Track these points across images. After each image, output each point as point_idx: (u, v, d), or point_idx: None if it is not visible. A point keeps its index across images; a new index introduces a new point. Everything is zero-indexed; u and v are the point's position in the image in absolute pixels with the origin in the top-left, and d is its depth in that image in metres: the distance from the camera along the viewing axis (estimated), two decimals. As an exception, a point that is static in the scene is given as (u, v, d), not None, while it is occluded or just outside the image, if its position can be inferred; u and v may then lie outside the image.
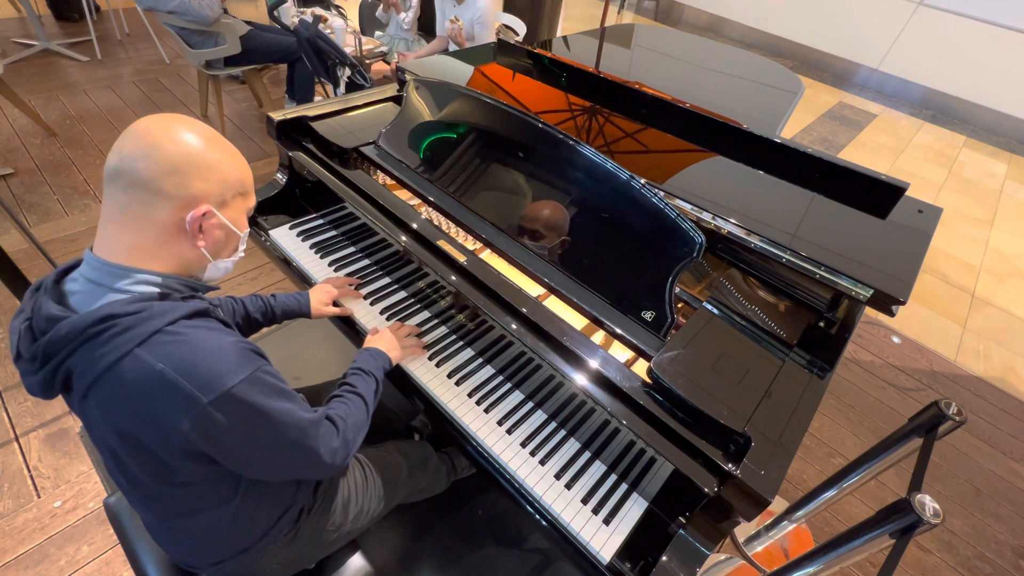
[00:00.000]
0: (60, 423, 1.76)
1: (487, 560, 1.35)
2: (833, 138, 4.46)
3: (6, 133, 3.08)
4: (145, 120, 0.69)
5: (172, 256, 0.71)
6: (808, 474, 1.95)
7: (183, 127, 0.69)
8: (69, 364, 0.65)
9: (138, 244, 0.68)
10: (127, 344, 0.63)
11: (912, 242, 1.09)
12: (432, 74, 1.57)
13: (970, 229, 3.56)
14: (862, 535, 1.03)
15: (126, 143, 0.66)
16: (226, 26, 2.85)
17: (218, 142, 0.72)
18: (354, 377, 1.00)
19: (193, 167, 0.68)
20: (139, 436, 0.67)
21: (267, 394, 0.71)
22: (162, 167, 0.66)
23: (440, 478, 1.34)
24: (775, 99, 1.89)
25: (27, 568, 1.44)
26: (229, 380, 0.66)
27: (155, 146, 0.66)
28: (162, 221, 0.68)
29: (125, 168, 0.65)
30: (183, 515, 0.81)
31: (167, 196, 0.67)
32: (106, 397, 0.66)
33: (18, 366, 0.69)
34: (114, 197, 0.67)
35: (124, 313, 0.64)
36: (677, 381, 0.89)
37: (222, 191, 0.72)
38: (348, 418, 0.88)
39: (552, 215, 1.18)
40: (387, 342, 1.13)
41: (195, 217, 0.69)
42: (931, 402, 1.18)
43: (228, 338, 0.70)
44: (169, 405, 0.64)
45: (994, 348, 2.65)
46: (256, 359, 0.72)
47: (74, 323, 0.63)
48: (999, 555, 1.79)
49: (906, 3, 4.96)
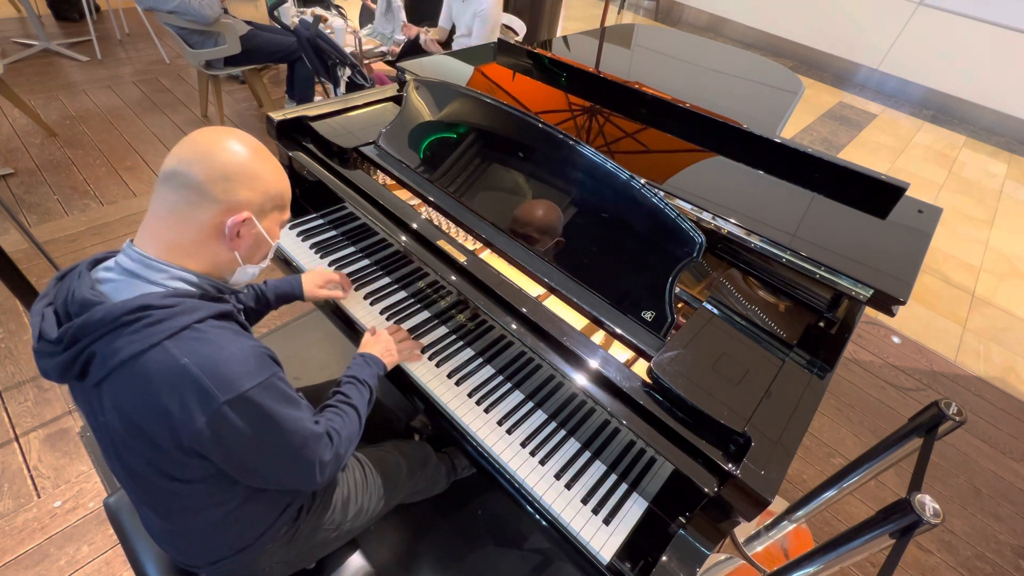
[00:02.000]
0: (60, 423, 1.76)
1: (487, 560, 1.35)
2: (833, 138, 4.46)
3: (6, 133, 3.08)
4: (203, 130, 0.75)
5: (207, 256, 0.75)
6: (808, 474, 1.95)
7: (237, 139, 0.75)
8: (94, 348, 0.67)
9: (178, 242, 0.73)
10: (158, 335, 0.66)
11: (912, 242, 1.09)
12: (432, 74, 1.57)
13: (970, 229, 3.56)
14: (862, 535, 1.03)
15: (184, 149, 0.72)
16: (226, 26, 2.85)
17: (266, 157, 0.78)
18: (348, 386, 1.00)
19: (241, 176, 0.73)
20: (148, 428, 0.68)
21: (279, 400, 0.73)
22: (214, 172, 0.71)
23: (440, 478, 1.34)
24: (775, 99, 1.89)
25: (27, 568, 1.44)
26: (247, 382, 0.68)
27: (210, 153, 0.71)
28: (204, 222, 0.72)
29: (180, 170, 0.70)
30: (182, 512, 0.81)
31: (214, 199, 0.72)
32: (124, 386, 0.68)
33: (37, 348, 0.70)
34: (164, 196, 0.72)
35: (159, 305, 0.67)
36: (677, 381, 0.89)
37: (263, 201, 0.77)
38: (342, 431, 0.88)
39: (545, 216, 1.18)
40: (382, 346, 1.12)
41: (235, 222, 0.73)
42: (931, 402, 1.18)
43: (248, 342, 0.73)
44: (187, 399, 0.66)
45: (994, 348, 2.65)
46: (272, 365, 0.75)
47: (110, 309, 0.66)
48: (999, 555, 1.79)
49: (906, 3, 4.96)
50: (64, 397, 1.83)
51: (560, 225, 1.17)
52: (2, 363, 1.91)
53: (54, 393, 1.84)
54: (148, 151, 3.13)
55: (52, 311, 0.70)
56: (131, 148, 3.13)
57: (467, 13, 2.90)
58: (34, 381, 1.87)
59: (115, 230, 2.54)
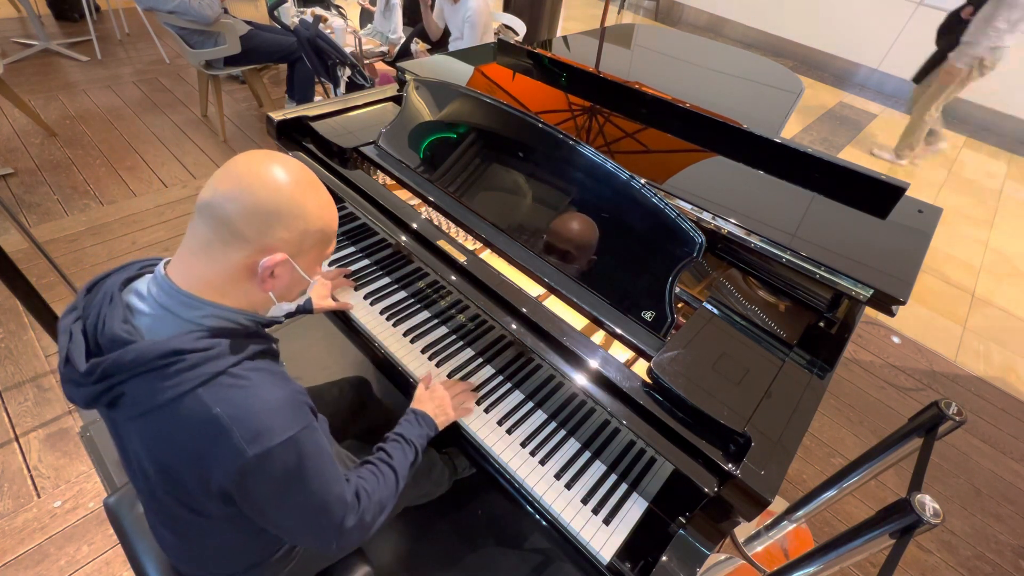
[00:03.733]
0: (60, 423, 1.76)
1: (487, 560, 1.35)
2: (833, 138, 4.46)
3: (6, 133, 3.08)
4: (245, 157, 0.68)
5: (240, 294, 0.71)
6: (808, 474, 1.95)
7: (278, 170, 0.68)
8: (125, 388, 0.65)
9: (211, 279, 0.68)
10: (190, 382, 0.63)
11: (912, 242, 1.09)
12: (432, 74, 1.57)
13: (970, 229, 3.56)
14: (862, 535, 1.03)
15: (222, 180, 0.66)
16: (226, 26, 2.85)
17: (309, 190, 0.70)
18: (393, 444, 0.95)
19: (278, 215, 0.67)
20: (178, 469, 0.68)
21: (308, 455, 0.70)
22: (248, 211, 0.65)
23: (443, 481, 1.34)
24: (775, 99, 1.89)
25: (27, 568, 1.44)
26: (277, 436, 0.66)
27: (247, 189, 0.65)
28: (236, 262, 0.67)
29: (215, 204, 0.65)
30: (199, 535, 0.81)
31: (246, 239, 0.66)
32: (154, 428, 0.66)
33: (64, 373, 0.67)
34: (200, 230, 0.67)
35: (192, 349, 0.64)
36: (677, 381, 0.89)
37: (301, 240, 0.70)
38: (373, 493, 0.84)
39: (582, 231, 1.13)
40: (436, 404, 1.06)
41: (269, 264, 0.68)
42: (931, 402, 1.18)
43: (284, 388, 0.70)
44: (217, 450, 0.64)
45: (994, 348, 2.65)
46: (306, 415, 0.72)
47: (142, 351, 0.63)
48: (999, 555, 1.79)
49: (906, 3, 4.96)
50: (64, 397, 1.83)
51: (589, 243, 1.13)
52: (2, 363, 1.91)
53: (54, 393, 1.84)
54: (148, 151, 3.13)
55: (81, 332, 0.67)
56: (131, 148, 3.13)
57: (457, 17, 2.93)
58: (34, 381, 1.87)
59: (115, 230, 2.54)
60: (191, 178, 2.96)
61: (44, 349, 1.97)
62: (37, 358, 1.94)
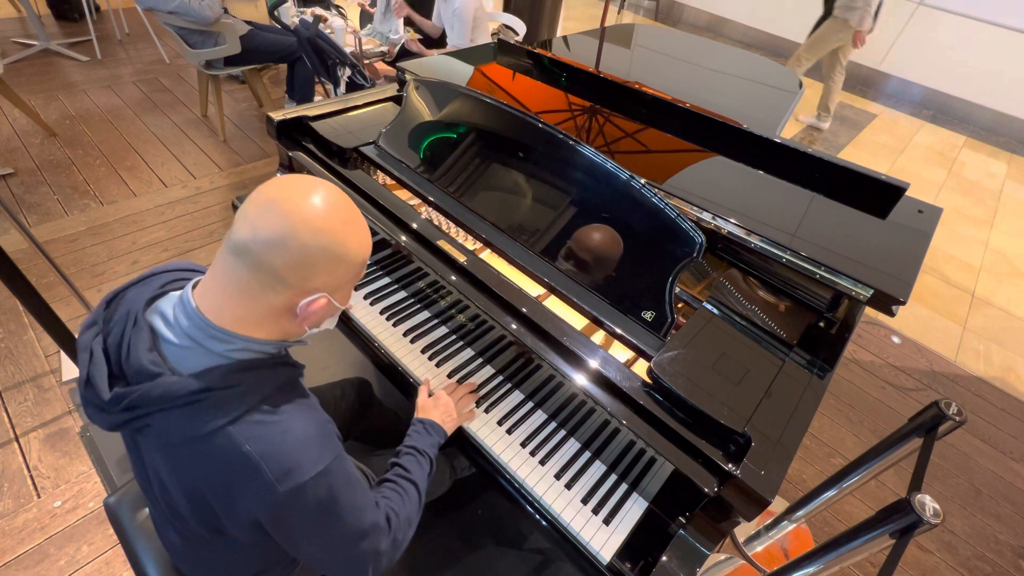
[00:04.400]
0: (60, 423, 1.76)
1: (487, 560, 1.35)
2: (833, 138, 4.46)
3: (6, 133, 3.08)
4: (286, 192, 0.63)
5: (274, 328, 0.69)
6: (808, 474, 1.95)
7: (324, 211, 0.64)
8: (151, 420, 0.64)
9: (246, 316, 0.66)
10: (219, 420, 0.62)
11: (912, 242, 1.09)
12: (432, 74, 1.57)
13: (970, 229, 3.56)
14: (862, 535, 1.03)
15: (263, 221, 0.62)
16: (226, 26, 2.85)
17: (353, 228, 0.68)
18: (408, 458, 0.95)
19: (323, 262, 0.65)
20: (207, 498, 0.67)
21: (340, 487, 0.70)
22: (294, 260, 0.63)
23: (443, 482, 1.34)
24: (775, 99, 1.89)
25: (27, 568, 1.44)
26: (309, 471, 0.65)
27: (293, 236, 0.62)
28: (275, 304, 0.66)
29: (255, 251, 0.62)
30: (213, 547, 0.80)
31: (289, 285, 0.64)
32: (183, 460, 0.66)
33: (84, 393, 0.65)
34: (236, 271, 0.63)
35: (221, 386, 0.63)
36: (677, 381, 0.89)
37: (342, 279, 0.69)
38: (401, 512, 0.83)
39: (597, 243, 1.13)
40: (442, 411, 1.06)
41: (308, 308, 0.67)
42: (931, 402, 1.18)
43: (313, 419, 0.70)
44: (247, 486, 0.63)
45: (994, 348, 2.65)
46: (335, 444, 0.72)
47: (170, 388, 0.61)
48: (999, 555, 1.79)
49: (906, 3, 4.96)
50: (64, 397, 1.83)
51: (611, 255, 1.12)
52: (2, 363, 1.91)
53: (54, 393, 1.84)
54: (148, 151, 3.12)
55: (102, 352, 0.65)
56: (131, 148, 3.13)
57: (447, 12, 2.97)
58: (34, 381, 1.87)
59: (115, 230, 2.54)
60: (191, 178, 2.96)
61: (44, 349, 1.97)
62: (37, 358, 1.94)
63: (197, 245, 2.53)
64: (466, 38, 2.92)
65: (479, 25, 2.96)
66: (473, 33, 2.94)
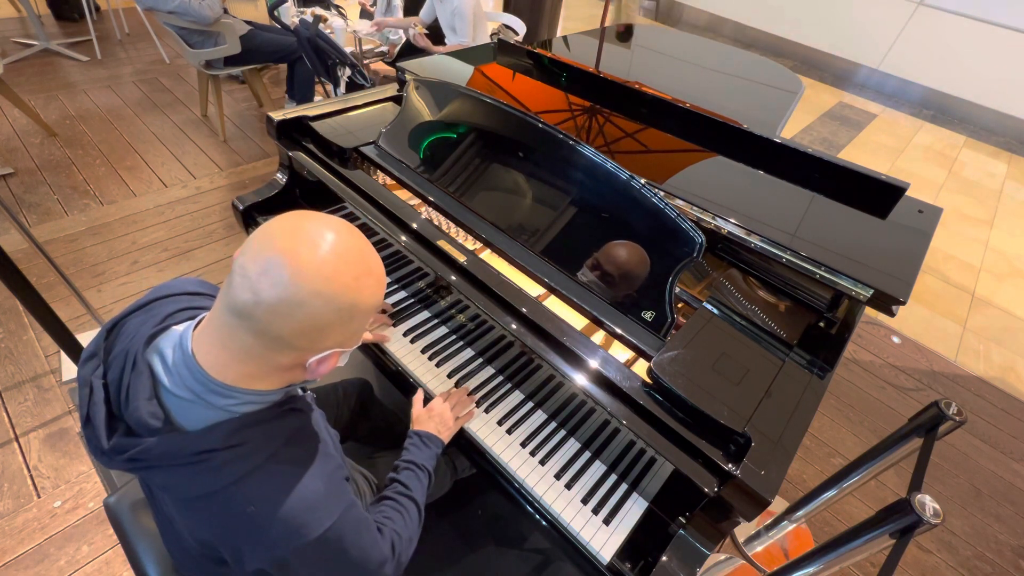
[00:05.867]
0: (60, 423, 1.76)
1: (487, 560, 1.35)
2: (833, 138, 4.46)
3: (6, 133, 3.08)
4: (288, 245, 0.57)
5: (282, 380, 0.66)
6: (808, 474, 1.95)
7: (331, 269, 0.57)
8: (154, 474, 0.62)
9: (251, 373, 0.62)
10: (221, 482, 0.60)
11: (912, 242, 1.09)
12: (432, 74, 1.57)
13: (970, 229, 3.56)
14: (862, 535, 1.03)
15: (265, 286, 0.55)
16: (226, 26, 2.85)
17: (366, 278, 0.61)
18: (407, 473, 0.94)
19: (334, 323, 0.60)
20: (214, 546, 0.67)
21: (349, 534, 0.68)
22: (303, 328, 0.58)
23: (445, 482, 1.34)
24: (775, 99, 1.89)
25: (27, 568, 1.44)
26: (316, 528, 0.63)
27: (301, 305, 0.56)
28: (283, 363, 0.62)
29: (259, 316, 0.56)
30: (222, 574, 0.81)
31: (298, 349, 0.60)
32: (191, 514, 0.66)
33: (85, 432, 0.62)
34: (237, 332, 0.59)
35: (224, 447, 0.60)
36: (677, 381, 0.89)
37: (354, 332, 0.65)
38: (403, 533, 0.83)
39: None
40: (437, 422, 1.05)
41: (319, 364, 0.64)
42: (931, 402, 1.18)
43: (323, 472, 0.67)
44: (253, 544, 0.62)
45: (994, 348, 2.65)
46: (346, 491, 0.70)
47: (170, 448, 0.59)
48: (999, 555, 1.79)
49: (906, 3, 4.96)
50: (64, 397, 1.83)
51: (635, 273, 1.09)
52: (2, 363, 1.91)
53: (54, 393, 1.84)
54: (148, 151, 3.12)
55: (102, 387, 0.62)
56: (131, 148, 3.13)
57: (446, 12, 2.94)
58: (34, 381, 1.87)
59: (115, 230, 2.54)
60: (191, 178, 2.96)
61: (44, 349, 1.97)
62: (37, 358, 1.94)
63: (197, 245, 2.53)
64: (469, 36, 2.92)
65: (478, 24, 2.96)
66: (473, 32, 2.94)
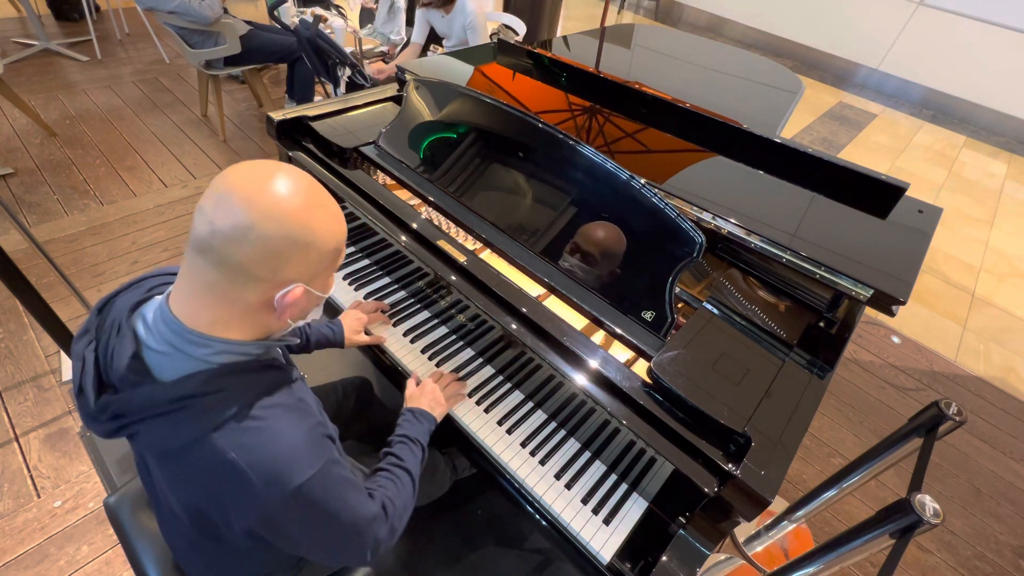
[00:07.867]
0: (60, 423, 1.76)
1: (487, 560, 1.35)
2: (833, 138, 4.45)
3: (6, 133, 3.08)
4: (240, 180, 0.60)
5: (255, 326, 0.67)
6: (808, 474, 1.95)
7: (284, 196, 0.60)
8: (138, 428, 0.63)
9: (220, 316, 0.64)
10: (201, 428, 0.61)
11: (912, 242, 1.09)
12: (432, 74, 1.57)
13: (970, 229, 3.56)
14: (862, 535, 1.03)
15: (220, 214, 0.58)
16: (226, 26, 2.85)
17: (319, 209, 0.64)
18: (400, 446, 0.95)
19: (291, 250, 0.61)
20: (202, 508, 0.67)
21: (332, 488, 0.69)
22: (258, 253, 0.59)
23: (445, 482, 1.34)
24: (775, 99, 1.89)
25: (27, 568, 1.44)
26: (298, 477, 0.63)
27: (252, 228, 0.58)
28: (249, 301, 0.63)
29: (216, 246, 0.58)
30: (219, 552, 0.81)
31: (260, 279, 0.61)
32: (173, 469, 0.66)
33: (78, 401, 0.65)
34: (201, 270, 0.60)
35: (201, 393, 0.61)
36: (677, 381, 0.89)
37: (317, 266, 0.66)
38: (396, 500, 0.84)
39: (603, 242, 1.12)
40: (430, 399, 1.07)
41: (285, 300, 0.64)
42: (931, 402, 1.18)
43: (303, 424, 0.68)
44: (236, 495, 0.63)
45: (994, 348, 2.65)
46: (328, 448, 0.70)
47: (148, 396, 0.61)
48: (999, 555, 1.79)
49: (906, 3, 4.96)
50: (64, 397, 1.83)
51: (614, 252, 1.11)
52: (2, 363, 1.91)
53: (54, 393, 1.84)
54: (148, 151, 3.12)
55: (94, 359, 0.64)
56: (131, 148, 3.13)
57: (456, 26, 2.90)
58: (34, 381, 1.87)
59: (115, 230, 2.54)
60: (191, 178, 2.96)
61: (44, 349, 1.97)
62: (37, 358, 1.94)
63: (197, 245, 2.52)
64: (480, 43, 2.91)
65: (486, 31, 2.95)
66: (484, 37, 2.93)
